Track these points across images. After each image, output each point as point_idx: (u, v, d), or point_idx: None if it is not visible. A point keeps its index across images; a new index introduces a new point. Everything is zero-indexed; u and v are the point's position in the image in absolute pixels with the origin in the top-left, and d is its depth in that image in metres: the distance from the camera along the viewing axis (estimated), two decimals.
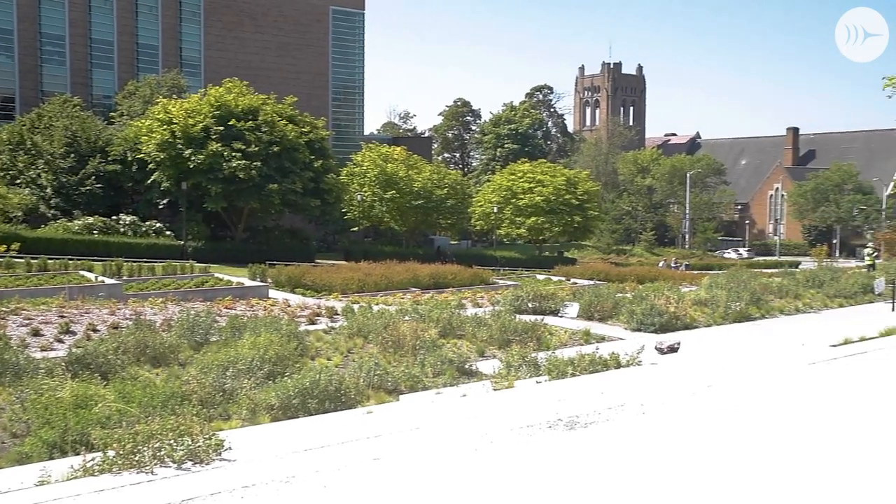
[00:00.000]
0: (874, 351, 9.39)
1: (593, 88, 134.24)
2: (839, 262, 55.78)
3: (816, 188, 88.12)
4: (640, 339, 17.20)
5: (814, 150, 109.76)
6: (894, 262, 38.60)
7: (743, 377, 8.24)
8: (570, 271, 44.44)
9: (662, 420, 6.47)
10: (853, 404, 6.82)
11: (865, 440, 5.78)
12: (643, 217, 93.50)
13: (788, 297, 25.68)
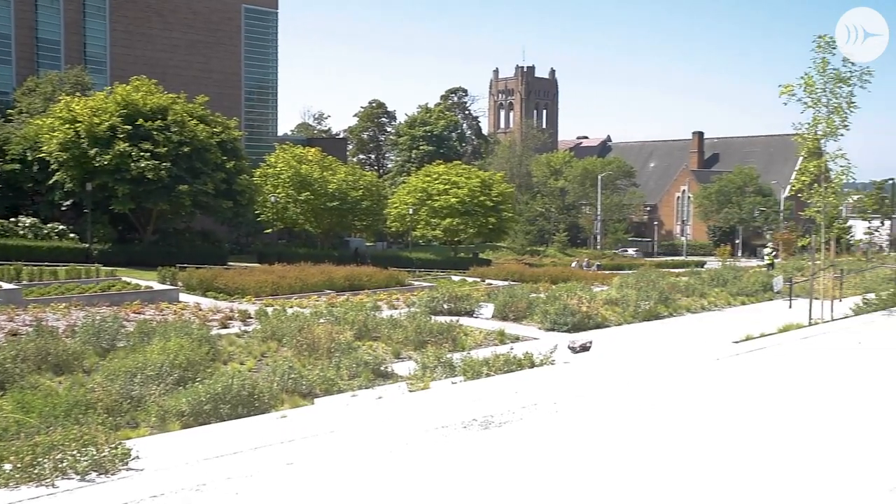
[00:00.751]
0: (773, 346, 9.79)
1: (507, 91, 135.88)
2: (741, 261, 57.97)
3: (720, 190, 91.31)
4: (553, 338, 17.48)
5: (718, 154, 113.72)
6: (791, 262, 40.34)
7: (653, 374, 8.47)
8: (484, 272, 44.76)
9: (575, 417, 6.59)
10: (754, 397, 7.09)
11: (764, 430, 6.01)
12: (556, 218, 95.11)
13: (695, 295, 26.52)
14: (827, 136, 17.16)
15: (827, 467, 5.21)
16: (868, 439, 5.81)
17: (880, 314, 12.26)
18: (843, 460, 5.35)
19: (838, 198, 18.00)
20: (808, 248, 20.13)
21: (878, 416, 6.40)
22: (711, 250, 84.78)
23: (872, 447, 5.62)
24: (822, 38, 16.82)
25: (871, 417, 6.38)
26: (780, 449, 5.61)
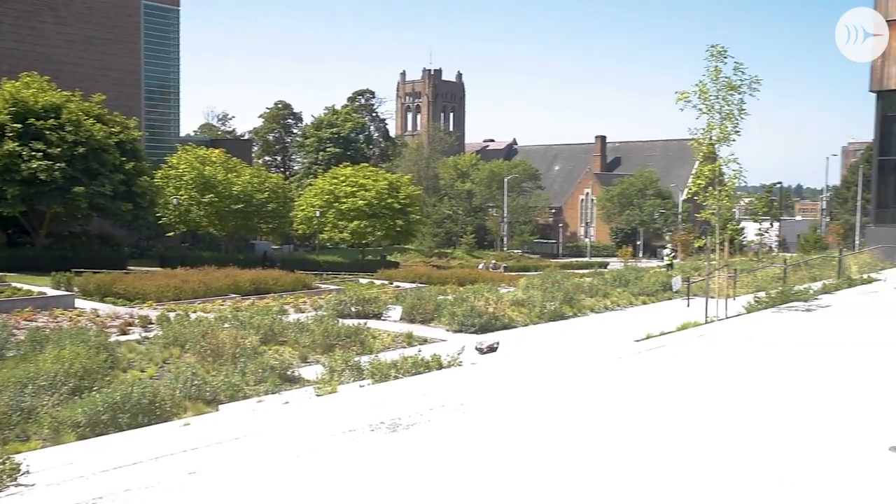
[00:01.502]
0: (672, 344, 10.13)
1: (415, 94, 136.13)
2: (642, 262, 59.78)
3: (622, 193, 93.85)
4: (461, 339, 17.60)
5: (620, 158, 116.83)
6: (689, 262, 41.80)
7: (558, 373, 8.64)
8: (392, 275, 44.77)
9: (482, 417, 6.66)
10: (653, 393, 7.32)
11: (661, 423, 6.21)
12: (464, 221, 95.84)
13: (598, 295, 27.14)
14: (720, 141, 17.87)
15: (720, 459, 5.43)
16: (754, 430, 6.09)
17: (770, 311, 12.85)
18: (734, 451, 5.59)
19: (731, 200, 18.75)
20: (704, 248, 20.90)
21: (765, 409, 6.70)
22: (614, 251, 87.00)
23: (759, 438, 5.89)
24: (715, 48, 17.50)
25: (758, 410, 6.68)
26: (677, 442, 5.81)
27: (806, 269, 25.86)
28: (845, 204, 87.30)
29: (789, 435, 5.95)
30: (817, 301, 13.65)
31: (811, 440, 5.82)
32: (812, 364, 8.56)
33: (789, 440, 5.83)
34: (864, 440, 5.76)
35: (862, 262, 22.71)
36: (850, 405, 6.80)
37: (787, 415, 6.52)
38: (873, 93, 41.31)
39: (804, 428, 6.13)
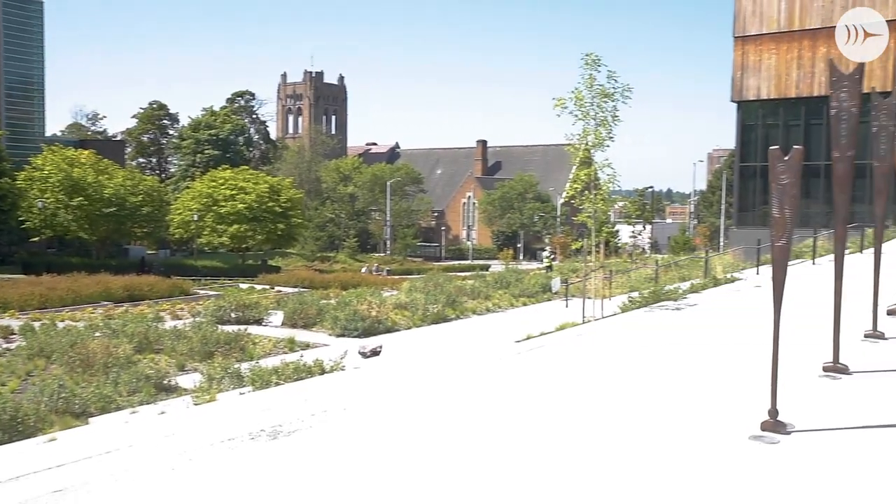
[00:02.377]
0: (551, 345, 10.40)
1: (296, 96, 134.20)
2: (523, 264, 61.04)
3: (503, 197, 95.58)
4: (344, 344, 17.49)
5: (500, 162, 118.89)
6: (567, 264, 43.00)
7: (440, 375, 8.72)
8: (274, 279, 44.07)
9: (365, 421, 6.64)
10: (532, 391, 7.49)
11: (539, 421, 6.37)
12: (346, 224, 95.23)
13: (480, 298, 27.54)
14: (595, 146, 18.48)
15: (591, 451, 5.61)
16: (626, 423, 6.32)
17: (643, 310, 13.38)
18: (605, 443, 5.79)
19: (606, 204, 19.42)
20: (581, 250, 21.56)
21: (637, 402, 6.98)
22: (496, 254, 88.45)
23: (629, 430, 6.12)
24: (590, 56, 18.10)
25: (630, 404, 6.94)
26: (550, 436, 5.97)
27: (676, 270, 27.08)
28: (711, 207, 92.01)
29: (657, 426, 6.22)
30: (686, 300, 14.32)
31: (676, 431, 6.10)
32: (680, 360, 8.98)
33: (657, 431, 6.09)
34: (727, 430, 6.08)
35: (726, 263, 23.95)
36: (714, 397, 7.17)
37: (656, 408, 6.81)
38: (734, 103, 43.73)
39: (670, 420, 6.42)
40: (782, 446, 5.71)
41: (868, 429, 6.13)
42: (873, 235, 9.60)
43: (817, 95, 39.17)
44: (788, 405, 6.37)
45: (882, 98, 9.61)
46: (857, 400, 7.01)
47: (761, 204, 41.53)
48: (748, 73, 42.48)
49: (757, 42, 42.12)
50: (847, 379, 7.68)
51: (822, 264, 19.59)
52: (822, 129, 38.88)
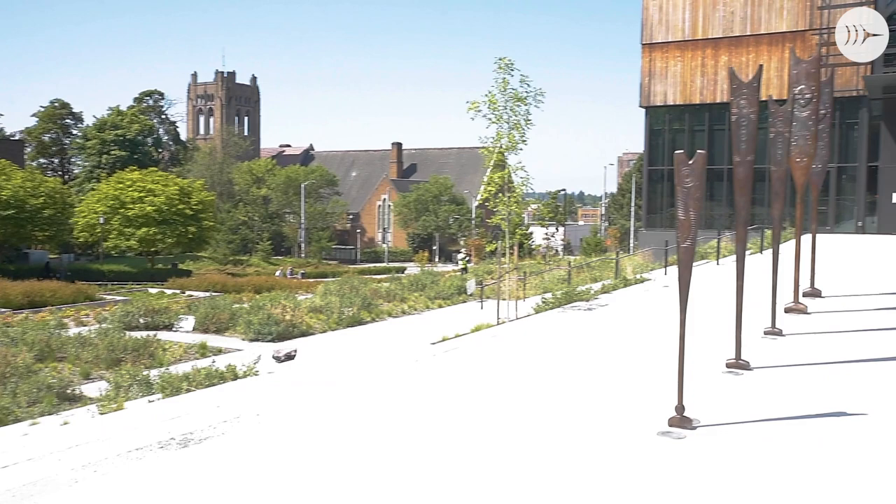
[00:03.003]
0: (466, 346, 10.48)
1: (207, 96, 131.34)
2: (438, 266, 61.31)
3: (418, 199, 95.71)
4: (258, 348, 17.23)
5: (416, 164, 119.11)
6: (482, 266, 43.40)
7: (356, 378, 8.67)
8: (185, 284, 43.10)
9: (278, 427, 6.56)
10: (446, 393, 7.54)
11: (448, 422, 6.41)
12: (260, 227, 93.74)
13: (396, 300, 27.53)
14: (509, 149, 18.74)
15: (503, 450, 5.68)
16: (540, 422, 6.42)
17: (556, 311, 13.61)
18: (518, 442, 5.87)
19: (520, 206, 19.72)
20: (496, 252, 21.80)
21: (549, 401, 7.10)
22: (411, 256, 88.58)
23: (542, 428, 6.22)
24: (503, 60, 18.35)
25: (543, 403, 7.06)
26: (467, 439, 6.02)
27: (588, 271, 27.64)
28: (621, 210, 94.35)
29: (569, 424, 6.34)
30: (598, 301, 14.64)
31: (587, 429, 6.23)
32: (592, 359, 9.17)
33: (568, 429, 6.21)
34: (636, 427, 6.25)
35: (636, 264, 24.59)
36: (624, 395, 7.35)
37: (568, 406, 6.94)
38: (643, 108, 44.99)
39: (582, 418, 6.55)
40: (688, 441, 5.90)
41: (768, 421, 6.40)
42: (772, 236, 10.03)
43: (720, 102, 40.67)
44: (694, 401, 6.60)
45: (778, 105, 10.06)
46: (758, 394, 7.30)
47: (668, 206, 42.84)
48: (655, 80, 43.76)
49: (663, 49, 43.44)
50: (748, 374, 8.00)
51: (726, 264, 20.34)
52: (724, 135, 40.40)
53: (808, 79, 10.62)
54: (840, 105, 37.47)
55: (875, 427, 6.26)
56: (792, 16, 40.39)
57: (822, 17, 39.33)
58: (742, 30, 41.45)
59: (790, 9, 40.42)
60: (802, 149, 10.60)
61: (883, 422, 6.35)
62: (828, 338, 10.02)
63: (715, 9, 42.05)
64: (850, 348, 9.27)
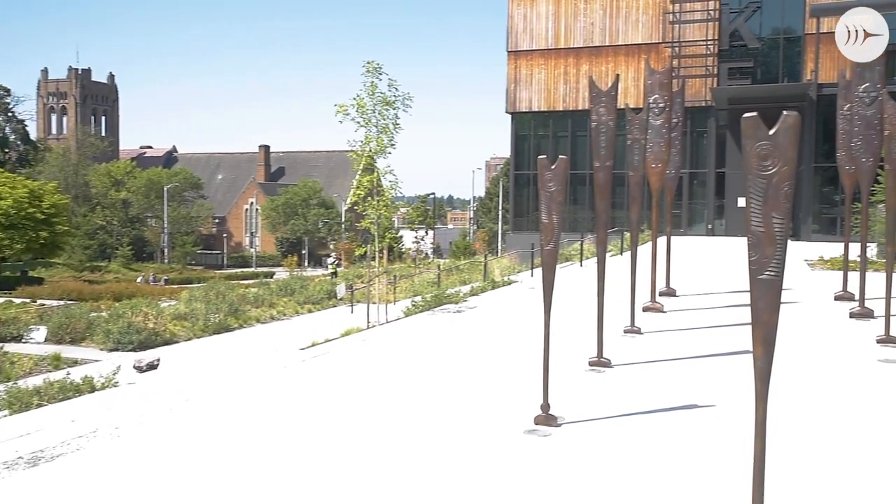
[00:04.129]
0: (336, 351, 10.40)
1: (59, 94, 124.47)
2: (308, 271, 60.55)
3: (287, 203, 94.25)
4: (117, 358, 16.48)
5: (284, 167, 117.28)
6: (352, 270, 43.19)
7: (222, 386, 8.44)
8: (36, 292, 40.82)
9: (138, 440, 6.29)
10: (316, 398, 7.46)
11: (315, 427, 6.36)
12: (119, 232, 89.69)
13: (264, 306, 27.00)
14: (378, 153, 18.75)
15: (373, 451, 5.69)
16: (407, 424, 6.46)
17: (426, 314, 13.72)
18: (385, 444, 5.88)
19: (389, 210, 19.76)
20: (366, 256, 21.75)
21: (418, 404, 7.15)
22: (280, 261, 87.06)
23: (410, 430, 6.26)
24: (371, 64, 18.36)
25: (412, 405, 7.10)
26: (334, 444, 5.98)
27: (457, 274, 28.01)
28: (489, 213, 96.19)
29: (437, 426, 6.41)
30: (466, 303, 14.86)
31: (455, 429, 6.31)
32: (460, 361, 9.30)
33: (436, 431, 6.27)
34: (503, 426, 6.39)
35: (503, 266, 25.14)
36: (492, 395, 7.50)
37: (437, 408, 7.01)
38: (509, 114, 46.05)
39: (450, 419, 6.64)
40: (554, 438, 6.08)
41: (628, 416, 6.68)
42: (630, 239, 10.48)
43: (582, 109, 42.21)
44: (559, 399, 6.81)
45: (635, 114, 10.54)
46: (619, 390, 7.61)
47: (535, 210, 44.02)
48: (520, 87, 44.91)
49: (528, 57, 44.65)
50: (610, 372, 8.33)
51: (589, 266, 21.10)
52: (586, 141, 41.92)
53: (661, 89, 11.18)
54: (691, 115, 39.66)
55: (722, 417, 6.66)
56: (647, 29, 42.42)
57: (674, 31, 41.52)
58: (601, 41, 43.17)
59: (645, 22, 42.44)
60: (657, 155, 11.14)
61: (729, 412, 6.75)
62: (682, 334, 10.57)
63: (576, 19, 43.61)
64: (701, 344, 9.82)
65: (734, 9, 40.62)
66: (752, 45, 40.12)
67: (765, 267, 4.09)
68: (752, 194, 4.07)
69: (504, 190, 71.16)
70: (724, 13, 40.54)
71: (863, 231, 12.15)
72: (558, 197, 6.35)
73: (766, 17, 40.81)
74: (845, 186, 12.69)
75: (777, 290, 4.12)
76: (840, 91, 12.43)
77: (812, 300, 13.99)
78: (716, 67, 40.87)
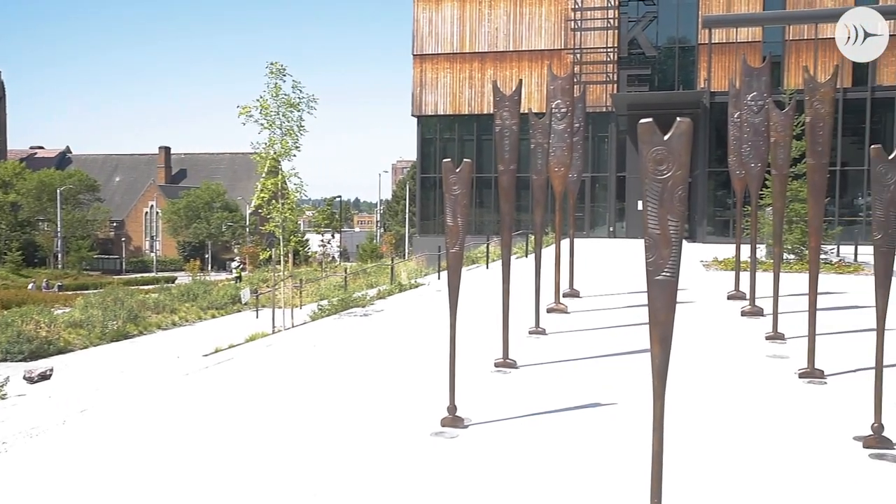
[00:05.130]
0: (240, 356, 10.20)
1: None
2: (212, 275, 59.16)
3: (189, 206, 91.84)
4: (5, 369, 15.70)
5: (185, 170, 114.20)
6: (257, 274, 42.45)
7: (120, 396, 8.16)
8: None
9: (29, 456, 6.02)
10: (220, 405, 7.30)
11: (226, 437, 6.23)
12: (8, 236, 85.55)
13: (166, 312, 26.26)
14: (282, 155, 18.51)
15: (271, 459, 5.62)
16: (312, 428, 6.40)
17: (332, 318, 13.61)
18: (288, 456, 5.82)
19: (295, 213, 19.53)
20: (271, 260, 21.42)
21: (325, 408, 7.09)
22: (182, 266, 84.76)
23: (313, 440, 6.21)
24: (275, 65, 18.11)
25: (319, 410, 7.03)
26: (237, 452, 5.87)
27: (364, 277, 27.89)
28: (396, 216, 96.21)
29: (343, 431, 6.37)
30: (373, 306, 14.81)
31: (361, 434, 6.29)
32: (368, 364, 9.27)
33: (342, 436, 6.24)
34: (410, 429, 6.40)
35: (411, 269, 25.16)
36: (399, 399, 7.50)
37: (343, 413, 6.97)
38: (415, 117, 46.20)
39: (356, 424, 6.61)
40: (460, 440, 6.12)
41: (533, 416, 6.79)
42: (534, 241, 10.66)
43: (487, 113, 42.66)
44: (466, 401, 6.87)
45: (537, 118, 10.73)
46: (524, 391, 7.73)
47: (441, 213, 44.24)
48: (426, 90, 45.09)
49: (434, 61, 44.87)
50: (515, 373, 8.45)
51: (495, 268, 21.35)
52: (492, 144, 42.42)
53: (563, 94, 11.42)
54: (592, 120, 40.67)
55: (623, 414, 6.85)
56: (549, 35, 43.28)
57: (575, 39, 42.49)
58: (506, 46, 43.79)
59: (548, 29, 43.28)
60: (560, 159, 11.37)
61: (630, 409, 6.95)
62: (585, 335, 10.82)
63: (481, 24, 44.10)
64: (603, 343, 10.08)
65: (632, 18, 41.86)
66: (649, 53, 41.43)
67: (661, 268, 4.23)
68: (648, 198, 4.21)
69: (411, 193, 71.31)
70: (623, 22, 41.73)
71: (753, 233, 12.72)
72: (463, 200, 6.41)
73: (662, 26, 42.24)
74: (736, 190, 13.26)
75: (673, 291, 4.27)
76: (730, 99, 12.99)
77: (706, 300, 14.55)
78: (616, 74, 42.02)
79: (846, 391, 7.62)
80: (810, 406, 7.17)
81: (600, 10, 42.28)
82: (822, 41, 38.10)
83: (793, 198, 19.82)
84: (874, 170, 5.82)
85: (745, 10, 39.95)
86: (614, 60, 42.13)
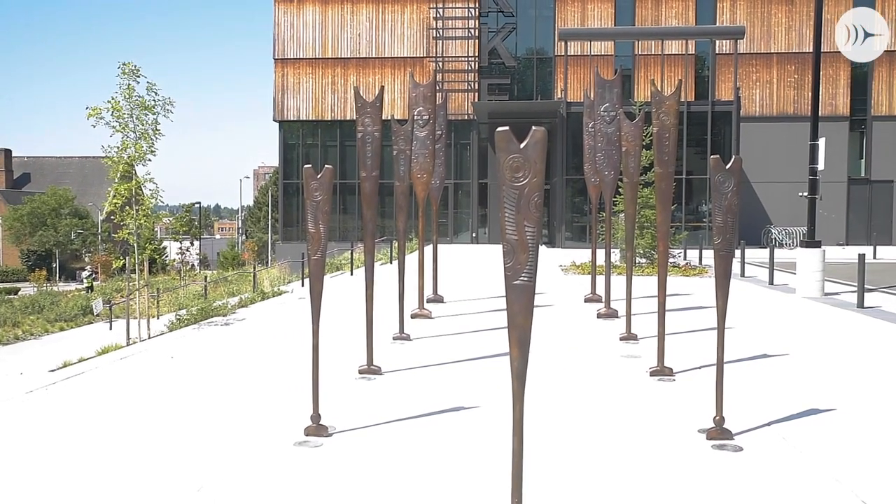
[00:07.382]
0: (91, 370, 9.69)
1: None
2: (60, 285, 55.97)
3: (33, 212, 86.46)
4: None
5: (29, 174, 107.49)
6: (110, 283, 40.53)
7: None
8: None
9: None
10: (65, 425, 6.93)
11: (77, 465, 5.94)
12: None
13: (7, 325, 24.68)
14: (136, 160, 17.77)
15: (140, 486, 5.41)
16: (167, 452, 6.20)
17: (192, 328, 13.17)
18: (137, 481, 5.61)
19: (150, 220, 18.77)
20: (125, 269, 20.49)
21: (183, 425, 6.87)
22: (27, 276, 79.69)
23: (173, 458, 6.01)
24: (127, 66, 17.39)
25: (174, 429, 6.81)
26: (92, 479, 5.61)
27: (225, 286, 27.14)
28: (258, 223, 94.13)
29: (202, 443, 6.19)
30: (235, 315, 14.45)
31: (225, 447, 6.14)
32: (229, 376, 9.04)
33: (202, 448, 6.06)
34: (273, 440, 6.29)
35: (273, 277, 24.71)
36: (262, 409, 7.36)
37: (203, 424, 6.77)
38: (277, 122, 45.46)
39: (217, 438, 6.43)
40: (325, 449, 6.07)
41: (398, 422, 6.83)
42: (398, 247, 10.72)
43: (350, 119, 42.54)
44: (330, 408, 6.82)
45: (400, 125, 10.81)
46: (389, 397, 7.76)
47: (304, 219, 43.70)
48: (288, 95, 44.45)
49: (296, 66, 44.31)
50: (380, 379, 8.46)
51: (359, 275, 21.29)
52: (355, 150, 42.29)
53: (425, 101, 11.55)
54: (454, 127, 41.33)
55: (485, 417, 6.99)
56: (412, 43, 43.65)
57: (437, 47, 43.06)
58: (368, 52, 43.82)
59: (410, 36, 43.64)
60: (422, 165, 11.49)
61: (491, 412, 7.11)
62: (449, 339, 10.97)
63: (343, 30, 43.95)
64: (466, 348, 10.25)
65: (492, 28, 42.83)
66: (508, 63, 42.51)
67: (519, 273, 4.36)
68: (505, 204, 4.32)
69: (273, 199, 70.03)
70: (484, 32, 42.64)
71: (607, 238, 13.29)
72: (325, 206, 6.37)
73: (521, 37, 43.46)
74: (591, 197, 13.82)
75: (530, 295, 4.40)
76: (585, 109, 13.53)
77: (564, 302, 15.06)
78: (477, 83, 42.87)
79: (692, 387, 8.08)
80: (659, 402, 7.56)
81: (461, 20, 43.03)
82: (667, 56, 40.32)
83: (643, 204, 20.84)
84: (713, 179, 6.22)
85: (598, 26, 41.73)
86: (475, 69, 42.96)
